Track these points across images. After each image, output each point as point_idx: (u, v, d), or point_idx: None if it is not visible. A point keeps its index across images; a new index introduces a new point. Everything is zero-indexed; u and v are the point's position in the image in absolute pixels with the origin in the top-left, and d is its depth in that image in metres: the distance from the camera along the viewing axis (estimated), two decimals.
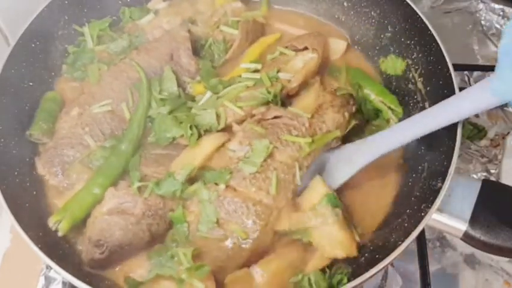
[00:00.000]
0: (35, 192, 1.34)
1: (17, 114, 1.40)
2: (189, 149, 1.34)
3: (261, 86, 1.44)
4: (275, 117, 1.36)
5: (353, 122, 1.43)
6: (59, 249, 1.23)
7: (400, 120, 1.48)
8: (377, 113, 1.52)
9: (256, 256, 1.24)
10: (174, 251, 1.21)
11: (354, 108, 1.45)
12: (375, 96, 1.53)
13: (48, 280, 1.48)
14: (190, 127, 1.33)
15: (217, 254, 1.23)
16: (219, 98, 1.42)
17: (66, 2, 1.55)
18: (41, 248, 1.14)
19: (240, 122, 1.40)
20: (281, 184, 1.26)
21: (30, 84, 1.45)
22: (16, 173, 1.31)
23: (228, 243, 1.22)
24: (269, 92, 1.41)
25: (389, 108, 1.50)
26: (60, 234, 1.24)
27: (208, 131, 1.37)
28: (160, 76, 1.47)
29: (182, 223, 1.25)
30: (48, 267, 1.48)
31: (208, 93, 1.44)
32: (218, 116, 1.38)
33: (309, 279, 1.20)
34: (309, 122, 1.34)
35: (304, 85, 1.50)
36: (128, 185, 1.28)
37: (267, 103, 1.41)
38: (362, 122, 1.48)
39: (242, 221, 1.22)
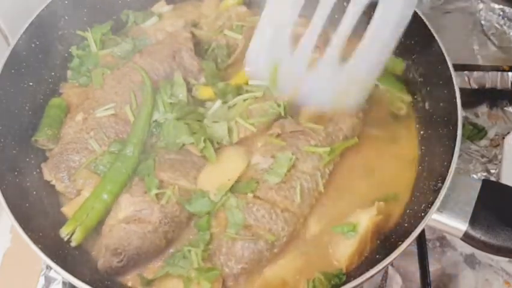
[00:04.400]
0: (35, 192, 1.33)
1: (17, 115, 1.40)
2: (216, 165, 1.33)
3: (270, 96, 1.44)
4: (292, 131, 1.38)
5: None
6: (59, 249, 1.23)
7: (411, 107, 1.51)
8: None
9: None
10: (186, 252, 1.22)
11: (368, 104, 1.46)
12: (383, 86, 1.53)
13: (48, 280, 1.48)
14: (204, 140, 1.33)
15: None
16: (230, 109, 1.42)
17: (66, 2, 1.55)
18: (41, 248, 1.14)
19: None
20: (305, 192, 1.29)
21: (30, 84, 1.45)
22: (16, 173, 1.31)
23: (256, 245, 1.23)
24: (279, 105, 1.42)
25: (397, 97, 1.51)
26: (73, 244, 1.24)
27: (220, 143, 1.37)
28: (164, 78, 1.46)
29: (205, 231, 1.27)
30: (49, 267, 1.48)
31: (218, 102, 1.44)
32: (230, 130, 1.38)
33: (321, 279, 1.21)
34: (326, 132, 1.37)
35: None
36: (143, 191, 1.27)
37: (278, 117, 1.42)
38: None
39: (270, 226, 1.24)
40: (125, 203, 1.26)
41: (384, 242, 1.28)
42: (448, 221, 1.18)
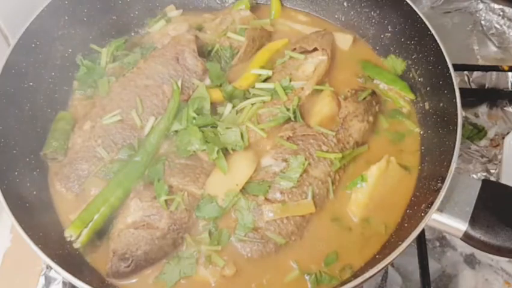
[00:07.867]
0: (35, 192, 1.33)
1: (17, 114, 1.40)
2: (225, 172, 1.31)
3: (278, 99, 1.45)
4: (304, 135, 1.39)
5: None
6: (59, 249, 1.23)
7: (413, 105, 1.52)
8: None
9: None
10: (207, 252, 1.23)
11: (378, 107, 1.48)
12: (385, 85, 1.54)
13: (49, 280, 1.48)
14: (217, 151, 1.32)
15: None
16: (238, 113, 1.43)
17: (66, 2, 1.55)
18: (41, 248, 1.14)
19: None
20: (316, 198, 1.30)
21: (31, 84, 1.45)
22: (16, 173, 1.31)
23: (265, 248, 1.24)
24: (288, 109, 1.42)
25: (400, 95, 1.52)
26: (78, 246, 1.23)
27: (234, 149, 1.36)
28: (169, 81, 1.46)
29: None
30: (49, 267, 1.48)
31: (229, 106, 1.44)
32: (241, 135, 1.37)
33: (325, 271, 1.23)
34: (337, 138, 1.37)
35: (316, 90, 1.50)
36: (152, 196, 1.27)
37: (287, 120, 1.42)
38: None
39: (280, 230, 1.25)
40: (134, 207, 1.26)
41: (384, 242, 1.28)
42: (448, 221, 1.19)
